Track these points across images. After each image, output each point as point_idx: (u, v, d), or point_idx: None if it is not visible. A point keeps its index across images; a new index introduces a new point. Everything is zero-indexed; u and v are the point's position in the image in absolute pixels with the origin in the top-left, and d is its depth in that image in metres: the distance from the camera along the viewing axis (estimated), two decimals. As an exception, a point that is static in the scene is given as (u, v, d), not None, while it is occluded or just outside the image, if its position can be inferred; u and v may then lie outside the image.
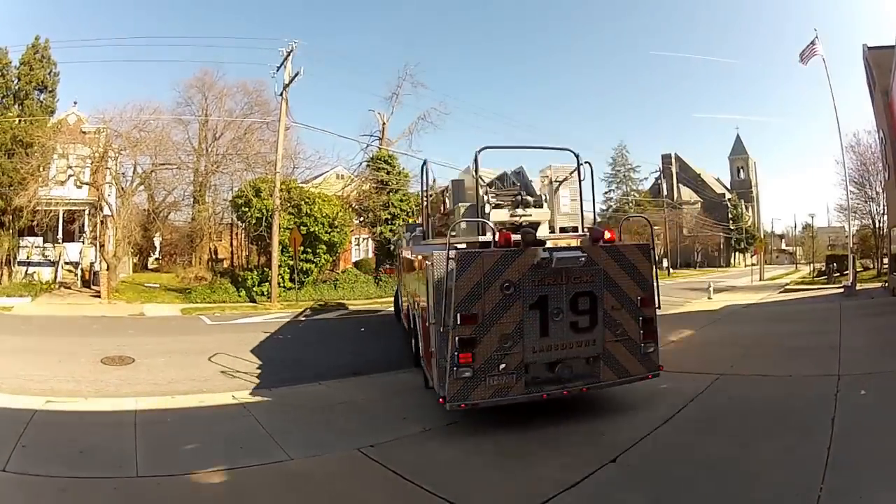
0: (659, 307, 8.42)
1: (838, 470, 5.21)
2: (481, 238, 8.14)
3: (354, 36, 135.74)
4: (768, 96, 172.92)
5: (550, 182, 9.45)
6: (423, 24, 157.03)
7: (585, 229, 9.31)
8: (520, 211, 8.76)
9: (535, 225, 8.74)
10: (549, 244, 8.20)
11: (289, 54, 27.93)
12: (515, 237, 7.50)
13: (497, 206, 8.74)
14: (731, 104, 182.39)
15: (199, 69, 44.08)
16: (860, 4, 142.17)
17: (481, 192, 8.66)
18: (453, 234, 7.57)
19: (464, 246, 8.20)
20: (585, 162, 9.50)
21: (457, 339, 6.94)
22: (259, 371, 11.34)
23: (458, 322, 6.95)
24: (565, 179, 9.45)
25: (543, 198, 9.27)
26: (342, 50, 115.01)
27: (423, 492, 5.08)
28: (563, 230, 9.30)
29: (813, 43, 28.99)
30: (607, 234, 8.53)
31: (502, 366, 7.19)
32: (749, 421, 7.28)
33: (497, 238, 7.47)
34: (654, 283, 8.36)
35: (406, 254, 13.18)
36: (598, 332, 7.76)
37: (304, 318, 21.59)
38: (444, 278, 7.06)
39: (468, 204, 8.96)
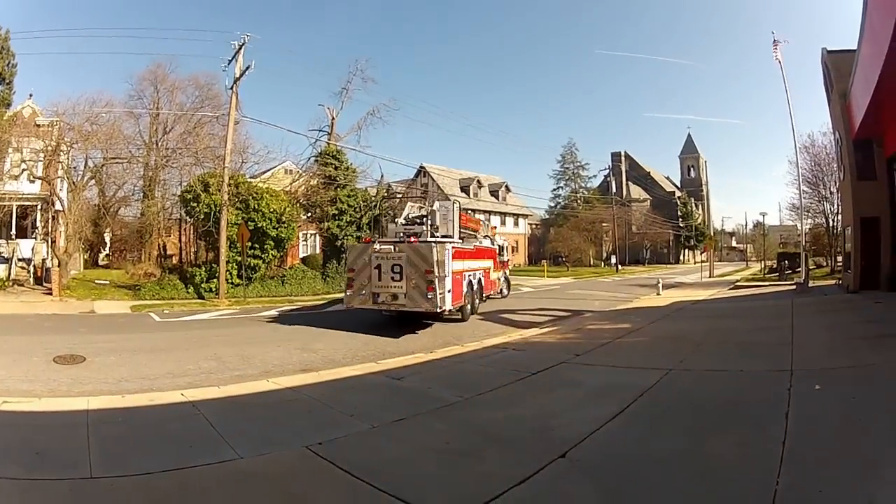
0: (439, 276, 17.07)
1: (795, 465, 5.33)
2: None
3: (308, 29, 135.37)
4: (721, 98, 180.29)
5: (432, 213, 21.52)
6: (379, 20, 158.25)
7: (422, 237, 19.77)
8: (409, 226, 21.58)
9: (418, 233, 20.21)
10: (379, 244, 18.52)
11: (241, 47, 28.89)
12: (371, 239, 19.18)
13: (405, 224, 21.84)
14: (683, 104, 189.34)
15: (152, 62, 45.39)
16: (813, 10, 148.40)
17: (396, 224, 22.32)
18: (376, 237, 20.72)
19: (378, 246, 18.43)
20: (455, 201, 22.50)
21: (347, 278, 18.66)
22: (207, 368, 11.80)
23: (347, 272, 18.96)
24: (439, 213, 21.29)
25: (435, 219, 21.05)
26: (295, 43, 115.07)
27: (375, 490, 5.10)
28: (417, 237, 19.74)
29: (774, 45, 30.76)
30: (412, 239, 18.71)
31: (363, 291, 17.96)
32: (701, 415, 7.45)
33: (364, 239, 20.09)
34: (435, 261, 17.05)
35: None
36: (403, 281, 17.37)
37: (252, 315, 22.66)
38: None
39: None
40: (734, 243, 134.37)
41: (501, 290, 28.95)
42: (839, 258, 36.64)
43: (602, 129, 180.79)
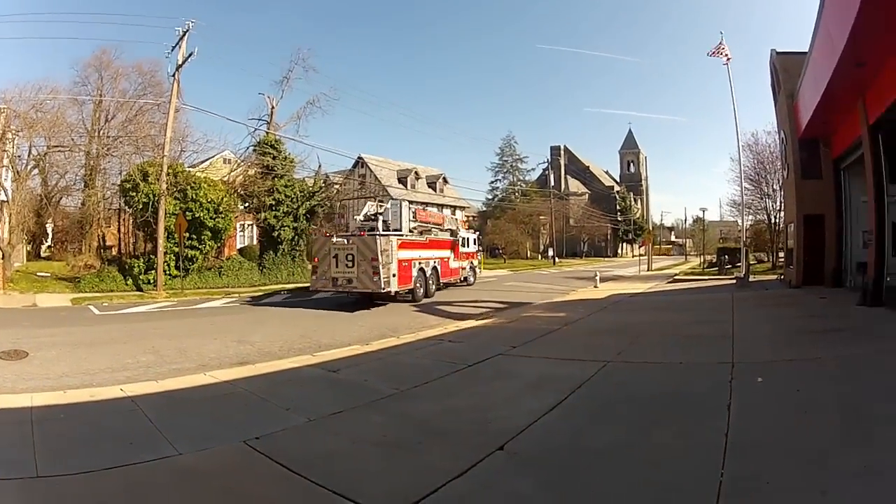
0: (382, 263, 20.95)
1: (740, 455, 5.34)
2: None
3: (254, 15, 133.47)
4: (666, 96, 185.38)
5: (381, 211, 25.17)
6: (324, 8, 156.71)
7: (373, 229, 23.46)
8: (367, 222, 24.66)
9: (373, 228, 23.49)
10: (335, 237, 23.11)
11: (185, 34, 28.74)
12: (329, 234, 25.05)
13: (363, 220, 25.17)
14: (627, 101, 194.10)
15: (98, 48, 44.94)
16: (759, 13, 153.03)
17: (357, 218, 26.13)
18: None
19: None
20: (403, 201, 26.80)
21: (312, 266, 23.80)
22: (145, 362, 11.78)
23: (312, 261, 24.19)
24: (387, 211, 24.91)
25: (387, 216, 24.54)
26: (240, 29, 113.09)
27: (313, 486, 5.07)
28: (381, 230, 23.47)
29: (720, 44, 32.03)
30: (362, 233, 22.50)
31: (325, 277, 22.26)
32: (640, 407, 7.47)
33: (324, 233, 26.75)
34: (379, 251, 20.87)
35: None
36: (355, 268, 21.32)
37: (189, 307, 23.21)
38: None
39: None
40: (673, 238, 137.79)
41: (467, 277, 32.51)
42: (781, 254, 37.86)
43: (543, 124, 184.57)
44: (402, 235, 23.62)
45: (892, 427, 5.95)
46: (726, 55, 31.79)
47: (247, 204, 37.35)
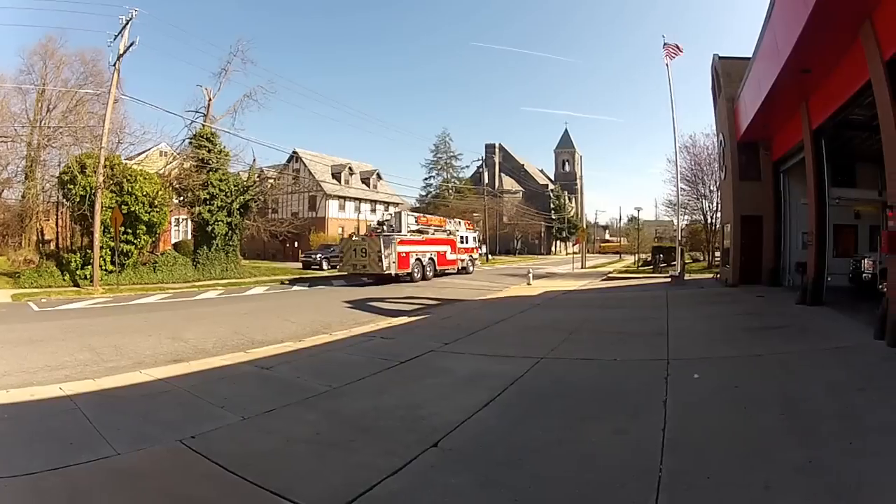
0: (384, 254, 32.76)
1: (678, 451, 5.48)
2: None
3: (197, 4, 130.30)
4: (605, 97, 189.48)
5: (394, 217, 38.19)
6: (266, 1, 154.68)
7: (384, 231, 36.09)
8: (379, 226, 37.57)
9: (384, 229, 36.53)
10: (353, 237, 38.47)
11: (128, 22, 28.71)
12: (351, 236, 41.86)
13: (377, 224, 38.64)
14: (564, 101, 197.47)
15: (44, 35, 43.99)
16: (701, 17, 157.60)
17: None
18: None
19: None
20: (402, 211, 41.78)
21: (339, 257, 36.74)
22: (83, 360, 11.74)
23: (340, 254, 36.86)
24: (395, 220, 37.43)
25: (392, 222, 37.16)
26: (181, 19, 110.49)
27: (249, 485, 5.14)
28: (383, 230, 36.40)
29: (664, 48, 33.39)
30: (371, 234, 35.93)
31: (348, 263, 34.76)
32: (575, 403, 7.61)
33: (349, 235, 44.93)
34: (381, 245, 32.84)
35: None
36: (366, 258, 33.55)
37: (125, 303, 23.28)
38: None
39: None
40: (608, 236, 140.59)
41: (465, 267, 43.95)
42: (717, 253, 38.98)
43: (479, 122, 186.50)
44: (401, 235, 35.36)
45: (834, 422, 6.18)
46: (671, 54, 32.80)
47: (181, 198, 37.84)
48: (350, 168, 76.38)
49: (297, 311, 20.46)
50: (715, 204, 42.63)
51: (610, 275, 41.14)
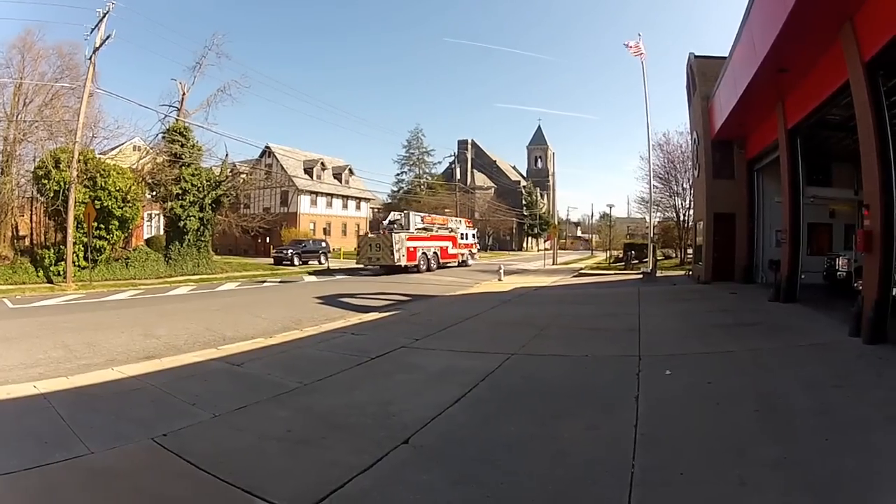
0: (395, 248, 37.83)
1: (651, 447, 5.53)
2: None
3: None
4: (580, 94, 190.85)
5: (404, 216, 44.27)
6: None
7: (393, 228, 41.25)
8: (390, 224, 42.45)
9: (395, 228, 41.22)
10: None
11: (105, 15, 28.62)
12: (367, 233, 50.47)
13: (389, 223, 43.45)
14: (539, 98, 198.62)
15: (23, 29, 42.84)
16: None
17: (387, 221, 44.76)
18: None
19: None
20: (410, 212, 45.79)
21: (357, 252, 41.70)
22: (56, 357, 11.74)
23: (357, 249, 41.91)
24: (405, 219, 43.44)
25: (402, 221, 42.82)
26: (157, 12, 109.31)
27: (221, 483, 5.17)
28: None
29: (638, 45, 34.27)
30: (384, 231, 40.91)
31: (364, 256, 39.76)
32: (546, 399, 7.66)
33: (365, 233, 51.77)
34: (393, 241, 37.86)
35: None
36: (380, 252, 38.41)
37: (98, 299, 23.27)
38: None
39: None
40: (580, 233, 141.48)
41: (465, 261, 50.03)
42: (689, 250, 39.34)
43: (452, 118, 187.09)
44: (409, 232, 40.93)
45: (810, 418, 6.28)
46: (641, 52, 33.18)
47: (154, 193, 37.58)
48: (322, 163, 76.79)
49: (269, 307, 20.50)
50: (688, 201, 43.06)
51: (581, 271, 41.47)
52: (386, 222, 43.51)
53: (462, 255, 49.30)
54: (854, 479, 4.76)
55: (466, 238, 50.98)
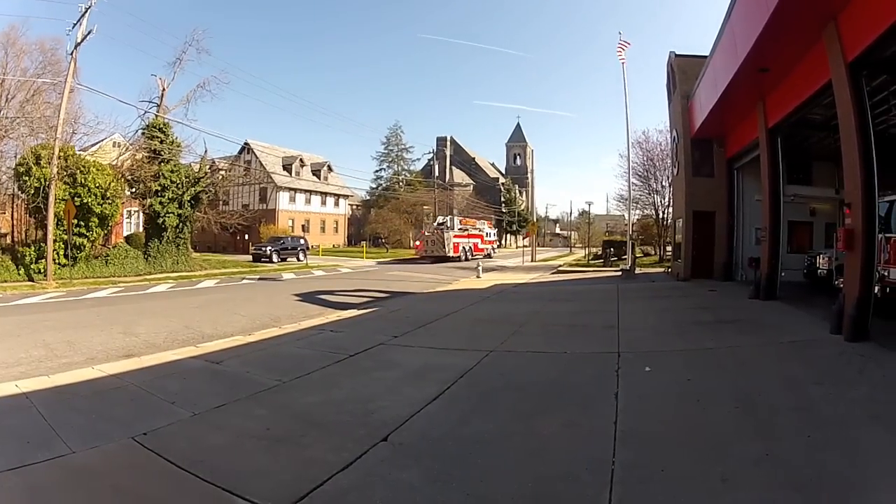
0: (445, 243, 51.72)
1: (631, 444, 5.55)
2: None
3: None
4: (554, 91, 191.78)
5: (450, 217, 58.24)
6: None
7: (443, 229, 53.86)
8: (440, 225, 55.14)
9: (443, 227, 53.99)
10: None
11: (87, 10, 28.37)
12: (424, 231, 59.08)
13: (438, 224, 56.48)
14: (518, 96, 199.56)
15: (7, 24, 44.04)
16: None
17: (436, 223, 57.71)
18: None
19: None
20: (453, 216, 61.68)
21: (416, 247, 58.53)
22: (37, 356, 11.71)
23: (416, 243, 59.28)
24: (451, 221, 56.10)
25: (448, 223, 55.18)
26: (139, 7, 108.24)
27: (200, 482, 5.18)
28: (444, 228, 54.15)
29: (619, 45, 35.24)
30: (438, 230, 53.68)
31: (423, 251, 53.44)
32: (525, 396, 7.67)
33: (422, 232, 60.71)
34: (444, 238, 51.45)
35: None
36: (434, 245, 52.40)
37: (78, 297, 23.11)
38: None
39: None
40: (558, 230, 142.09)
41: (489, 254, 62.18)
42: (668, 248, 39.57)
43: (431, 115, 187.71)
44: (453, 231, 52.55)
45: (792, 415, 6.35)
46: (622, 57, 33.57)
47: (133, 189, 37.60)
48: (301, 160, 76.98)
49: (247, 305, 20.51)
50: (667, 199, 43.39)
51: (560, 268, 41.54)
52: (436, 224, 55.75)
53: (486, 249, 61.91)
54: (836, 476, 4.81)
55: (490, 236, 65.39)
